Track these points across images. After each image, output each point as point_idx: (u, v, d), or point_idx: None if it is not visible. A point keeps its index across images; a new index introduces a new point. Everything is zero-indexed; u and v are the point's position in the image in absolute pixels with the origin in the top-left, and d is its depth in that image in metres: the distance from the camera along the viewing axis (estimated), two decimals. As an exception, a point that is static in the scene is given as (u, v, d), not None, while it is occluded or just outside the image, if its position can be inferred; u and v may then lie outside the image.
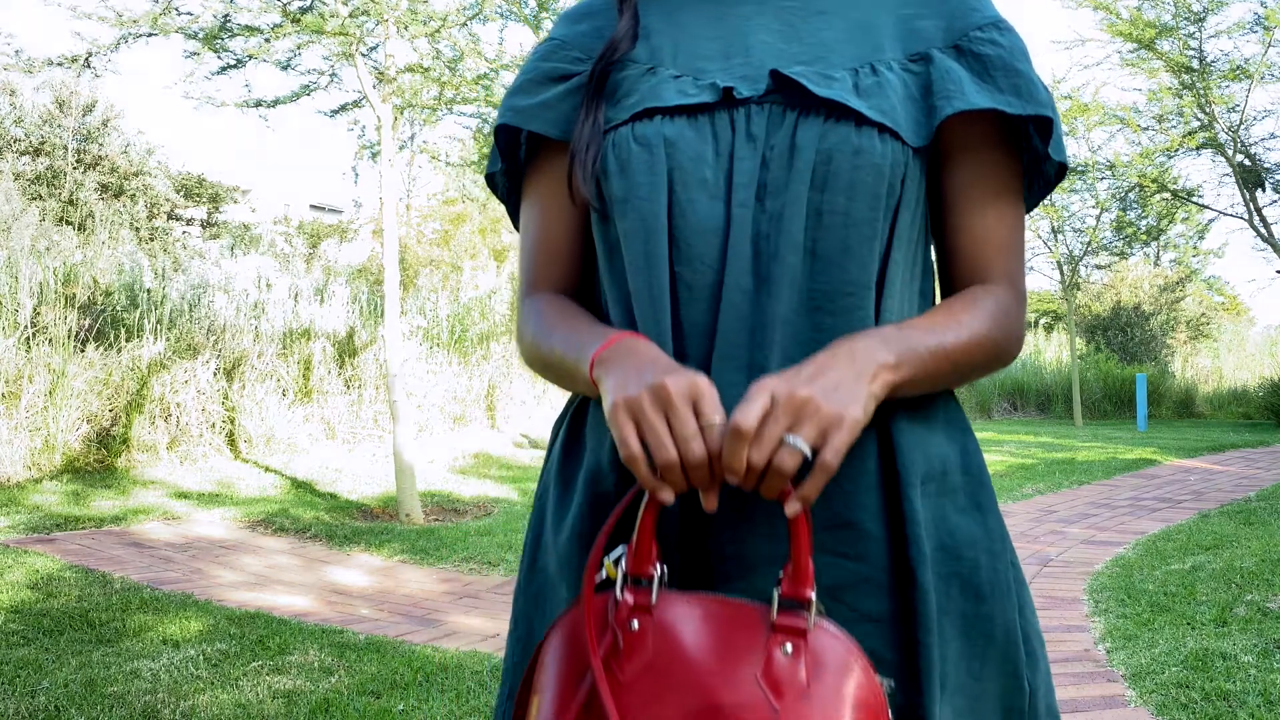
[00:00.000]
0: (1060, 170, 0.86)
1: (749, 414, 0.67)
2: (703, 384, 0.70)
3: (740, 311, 0.77)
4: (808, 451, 0.67)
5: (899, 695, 0.75)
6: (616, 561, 0.73)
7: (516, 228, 0.97)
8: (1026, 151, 0.87)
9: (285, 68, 5.81)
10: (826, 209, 0.77)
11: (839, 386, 0.69)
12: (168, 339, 7.38)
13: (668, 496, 0.69)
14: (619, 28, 0.87)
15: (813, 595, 0.69)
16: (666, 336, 0.78)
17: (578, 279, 0.91)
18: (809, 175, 0.77)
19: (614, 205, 0.82)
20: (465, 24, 6.16)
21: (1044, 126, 0.83)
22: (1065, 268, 15.34)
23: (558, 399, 10.36)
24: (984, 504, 0.83)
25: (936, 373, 0.77)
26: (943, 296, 0.87)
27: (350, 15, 5.42)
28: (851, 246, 0.77)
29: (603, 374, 0.75)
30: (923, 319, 0.79)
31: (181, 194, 15.03)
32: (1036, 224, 14.89)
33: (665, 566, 0.73)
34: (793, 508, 0.68)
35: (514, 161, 0.93)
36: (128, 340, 7.21)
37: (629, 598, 0.71)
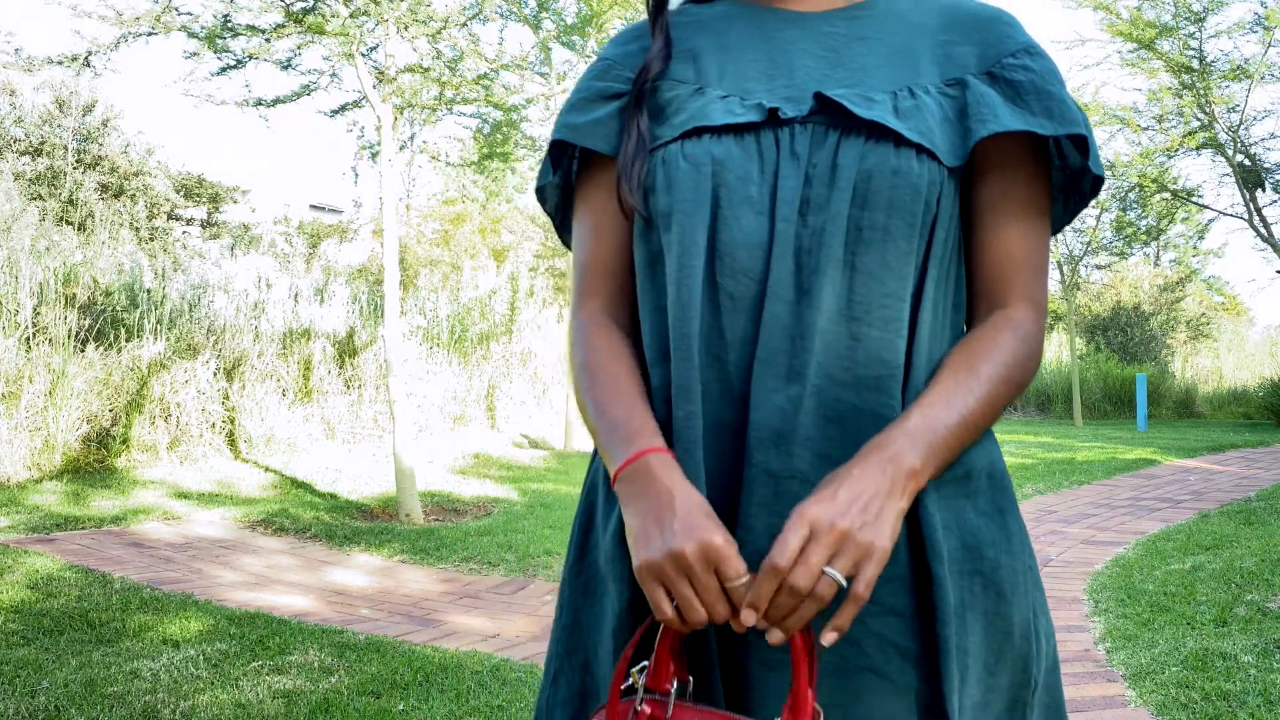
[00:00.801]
0: (1096, 184, 0.88)
1: (787, 553, 0.71)
2: (719, 548, 0.73)
3: (782, 321, 0.80)
4: (844, 583, 0.72)
5: (925, 691, 0.80)
6: (641, 671, 0.79)
7: (561, 239, 1.01)
8: (1061, 170, 0.90)
9: (285, 68, 5.81)
10: (866, 225, 0.81)
11: (871, 512, 0.73)
12: (168, 339, 7.38)
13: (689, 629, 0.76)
14: (651, 49, 0.91)
15: None
16: (694, 345, 0.82)
17: (626, 290, 0.94)
18: (850, 193, 0.81)
19: (659, 218, 0.86)
20: (465, 24, 6.16)
21: (1081, 144, 0.86)
22: (1065, 268, 15.34)
23: (558, 399, 10.36)
24: (1005, 508, 0.87)
25: (959, 445, 0.80)
26: (968, 308, 0.90)
27: (351, 15, 5.42)
28: (889, 261, 0.81)
29: (624, 502, 0.80)
30: (945, 383, 0.81)
31: (181, 194, 15.03)
32: (1036, 224, 14.87)
33: (681, 682, 0.78)
34: (830, 637, 0.73)
35: (565, 175, 0.97)
36: (128, 340, 7.21)
37: (646, 708, 0.78)
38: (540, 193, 0.99)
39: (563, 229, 1.01)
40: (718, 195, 0.83)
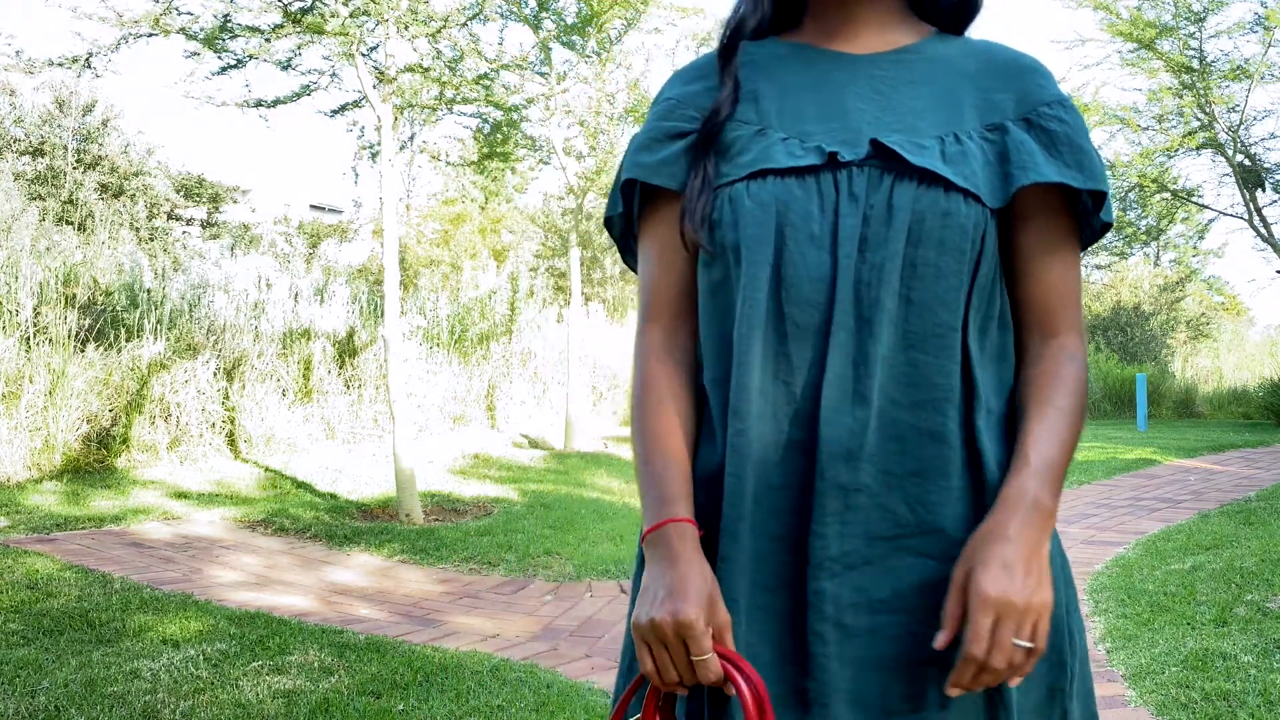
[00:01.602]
0: (1105, 227, 0.98)
1: (982, 643, 0.81)
2: (690, 625, 0.83)
3: (846, 349, 0.89)
4: (1029, 646, 0.82)
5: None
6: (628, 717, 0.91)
7: (625, 262, 1.10)
8: (1081, 213, 0.98)
9: (285, 68, 5.81)
10: (920, 262, 0.89)
11: (1035, 574, 0.83)
12: (168, 339, 7.38)
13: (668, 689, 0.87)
14: (721, 95, 0.99)
15: None
16: (754, 371, 0.90)
17: (685, 313, 1.02)
18: (905, 232, 0.89)
19: (728, 252, 0.94)
20: (465, 24, 6.16)
21: (1100, 195, 0.95)
22: (1065, 268, 15.33)
23: (557, 399, 10.36)
24: None
25: (1065, 473, 0.92)
26: (1019, 337, 0.98)
27: (350, 15, 5.41)
28: (941, 294, 0.90)
29: (647, 561, 0.91)
30: (1040, 420, 0.91)
31: (181, 194, 15.01)
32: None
33: None
34: (1016, 683, 0.84)
35: (629, 207, 1.04)
36: (128, 340, 7.21)
37: None
38: (608, 222, 1.07)
39: (626, 253, 1.09)
40: (782, 232, 0.91)
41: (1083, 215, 0.97)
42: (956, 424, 0.89)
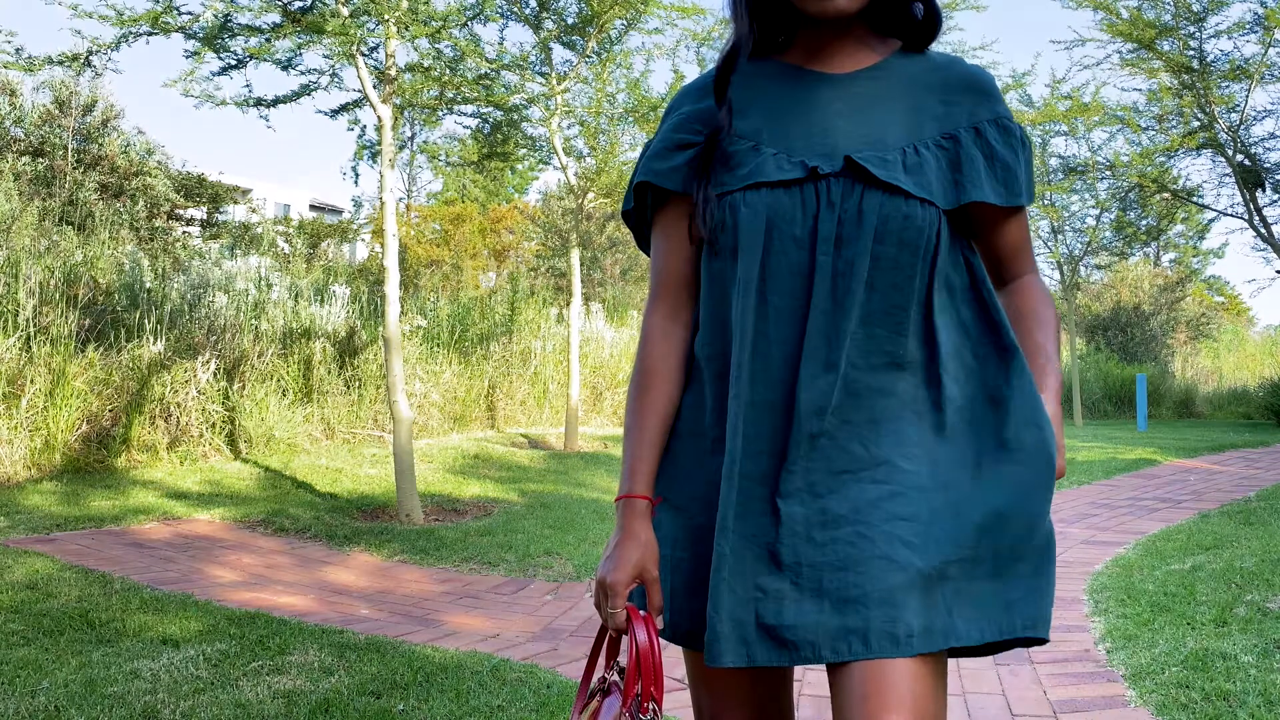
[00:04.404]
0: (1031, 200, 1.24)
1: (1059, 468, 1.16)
2: (613, 585, 1.12)
3: (820, 327, 1.09)
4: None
5: None
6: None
7: (640, 248, 1.32)
8: None
9: (286, 68, 5.80)
10: (883, 256, 1.09)
11: (1061, 452, 1.16)
12: (168, 339, 7.38)
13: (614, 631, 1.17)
14: (719, 118, 1.18)
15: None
16: (749, 341, 1.11)
17: (687, 293, 1.23)
18: (872, 232, 1.09)
19: (726, 251, 1.14)
20: (466, 24, 6.16)
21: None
22: (1065, 268, 15.34)
23: (557, 400, 10.36)
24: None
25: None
26: (993, 279, 1.24)
27: (351, 15, 5.41)
28: (896, 281, 1.10)
29: (616, 517, 1.19)
30: (1039, 326, 1.20)
31: (181, 194, 14.99)
32: (1037, 224, 14.88)
33: (612, 667, 1.19)
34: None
35: (642, 205, 1.26)
36: (128, 340, 7.21)
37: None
38: (625, 216, 1.28)
39: (641, 240, 1.30)
40: (770, 234, 1.11)
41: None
42: (909, 383, 1.11)
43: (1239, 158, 12.02)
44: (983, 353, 1.14)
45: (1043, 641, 1.11)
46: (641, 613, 1.13)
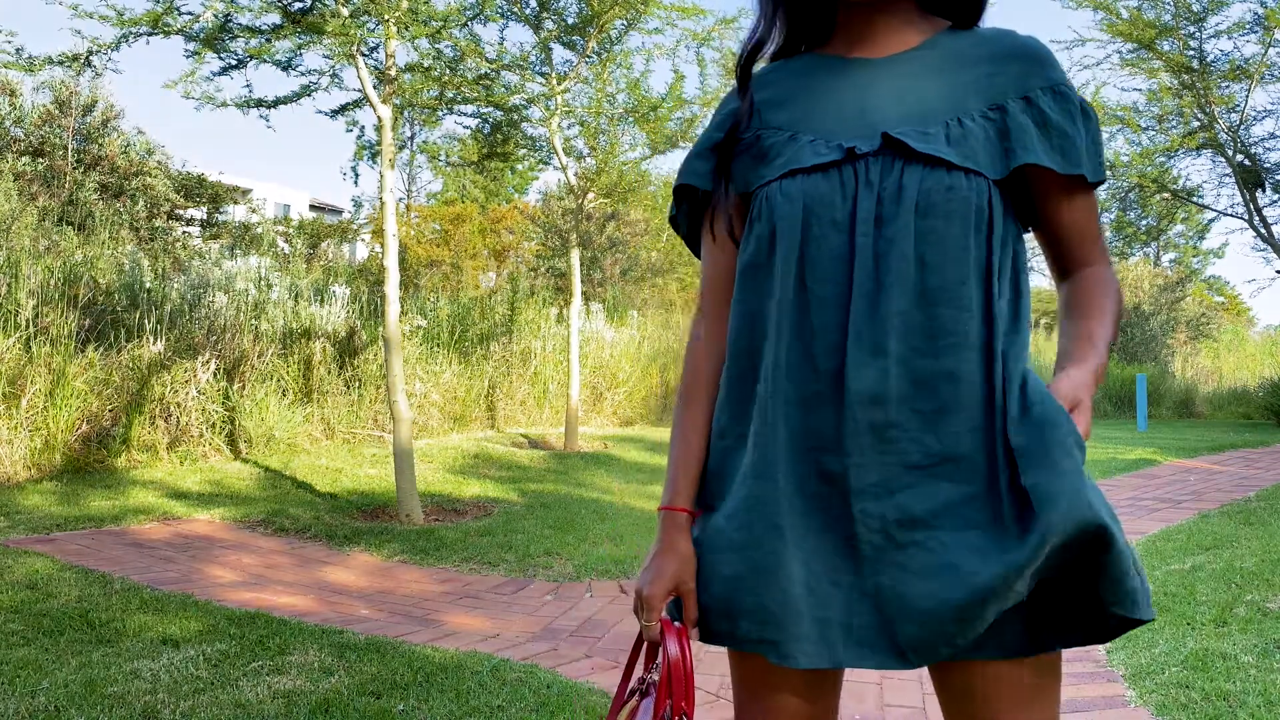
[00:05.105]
0: (1102, 180, 1.14)
1: (1084, 428, 1.02)
2: (648, 599, 1.11)
3: (863, 310, 1.04)
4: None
5: None
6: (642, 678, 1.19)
7: (694, 253, 1.28)
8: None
9: (286, 68, 5.80)
10: (929, 231, 1.04)
11: (1087, 430, 1.02)
12: (168, 339, 7.38)
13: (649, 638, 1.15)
14: (739, 109, 1.17)
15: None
16: (787, 332, 1.07)
17: (730, 302, 1.19)
18: (913, 208, 1.04)
19: (764, 241, 1.10)
20: (466, 24, 6.16)
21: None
22: (1065, 268, 15.31)
23: (557, 400, 10.36)
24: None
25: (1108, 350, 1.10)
26: (1054, 269, 1.18)
27: (351, 15, 5.41)
28: (951, 255, 1.04)
29: (657, 528, 1.16)
30: (1100, 318, 1.10)
31: (181, 194, 14.99)
32: (1036, 224, 14.86)
33: (646, 676, 1.16)
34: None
35: (691, 207, 1.23)
36: (128, 340, 7.21)
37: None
38: (673, 221, 1.26)
39: (694, 249, 1.27)
40: (808, 221, 1.07)
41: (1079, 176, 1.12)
42: (973, 365, 1.03)
43: (1239, 158, 12.02)
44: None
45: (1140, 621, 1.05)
46: (675, 625, 1.11)
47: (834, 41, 1.18)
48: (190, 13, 5.42)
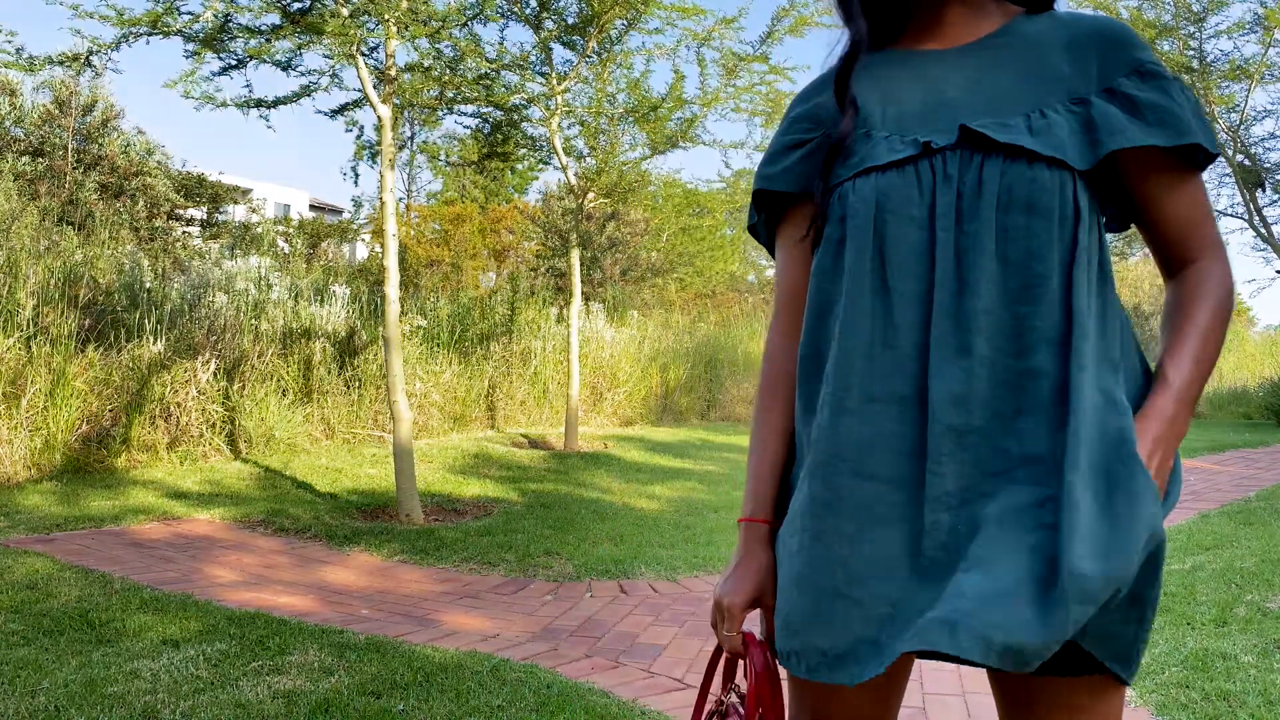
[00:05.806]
0: (1209, 157, 1.05)
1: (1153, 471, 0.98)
2: (729, 608, 1.10)
3: (948, 309, 1.00)
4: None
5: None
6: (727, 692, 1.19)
7: (774, 257, 1.26)
8: (1181, 151, 1.07)
9: (286, 68, 5.80)
10: (1011, 226, 1.00)
11: (1163, 473, 1.00)
12: (168, 339, 7.38)
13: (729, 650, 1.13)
14: (843, 125, 1.11)
15: None
16: (864, 331, 1.04)
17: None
18: (995, 202, 1.00)
19: (835, 242, 1.08)
20: (466, 24, 6.16)
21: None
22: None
23: (557, 400, 10.36)
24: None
25: (1204, 385, 1.03)
26: (1161, 267, 1.10)
27: (350, 15, 5.41)
28: (1035, 250, 0.99)
29: (738, 538, 1.15)
30: (1186, 345, 1.03)
31: (181, 194, 14.99)
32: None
33: (730, 692, 1.17)
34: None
35: (769, 212, 1.21)
36: (128, 340, 7.21)
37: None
38: (752, 230, 1.24)
39: (774, 255, 1.25)
40: (884, 218, 1.04)
41: (1186, 152, 1.04)
42: (1049, 359, 0.98)
43: (1239, 158, 12.02)
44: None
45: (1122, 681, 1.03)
46: (759, 637, 1.10)
47: (905, 37, 1.15)
48: (190, 13, 5.42)
